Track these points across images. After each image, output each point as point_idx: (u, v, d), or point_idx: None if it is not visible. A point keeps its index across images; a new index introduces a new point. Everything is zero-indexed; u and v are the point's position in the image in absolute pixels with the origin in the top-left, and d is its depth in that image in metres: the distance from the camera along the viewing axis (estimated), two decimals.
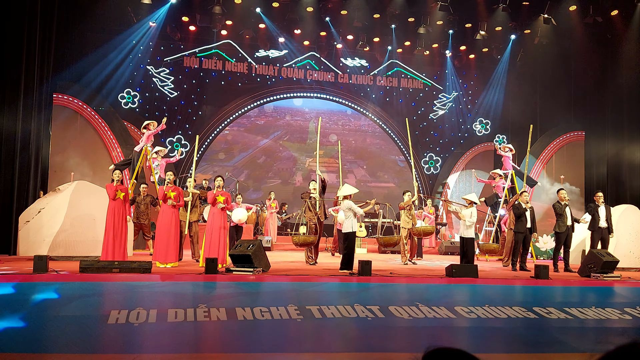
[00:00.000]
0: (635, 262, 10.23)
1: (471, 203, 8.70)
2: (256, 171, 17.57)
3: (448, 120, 18.56)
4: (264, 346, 4.83)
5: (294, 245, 9.24)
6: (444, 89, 18.46)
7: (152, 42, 15.79)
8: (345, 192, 8.12)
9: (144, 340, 4.83)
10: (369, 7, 15.18)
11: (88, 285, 6.16)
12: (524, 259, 9.51)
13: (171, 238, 8.23)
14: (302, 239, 8.92)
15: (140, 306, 5.41)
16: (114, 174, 8.37)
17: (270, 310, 5.44)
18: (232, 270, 7.21)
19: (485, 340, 5.34)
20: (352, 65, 17.91)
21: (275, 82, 17.50)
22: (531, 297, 6.88)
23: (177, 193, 8.42)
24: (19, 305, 5.39)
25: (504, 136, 18.02)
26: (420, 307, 5.84)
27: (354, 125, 18.45)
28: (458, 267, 7.76)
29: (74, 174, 12.01)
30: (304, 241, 8.95)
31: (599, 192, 9.97)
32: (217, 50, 16.72)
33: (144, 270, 6.88)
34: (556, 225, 9.50)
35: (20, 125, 10.32)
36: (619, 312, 6.20)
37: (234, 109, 17.24)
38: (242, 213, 9.85)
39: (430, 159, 18.34)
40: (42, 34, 10.92)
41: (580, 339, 5.49)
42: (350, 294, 6.54)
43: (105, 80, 15.13)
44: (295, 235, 9.34)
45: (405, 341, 5.20)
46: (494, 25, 15.56)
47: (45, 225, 8.95)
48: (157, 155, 11.17)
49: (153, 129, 10.75)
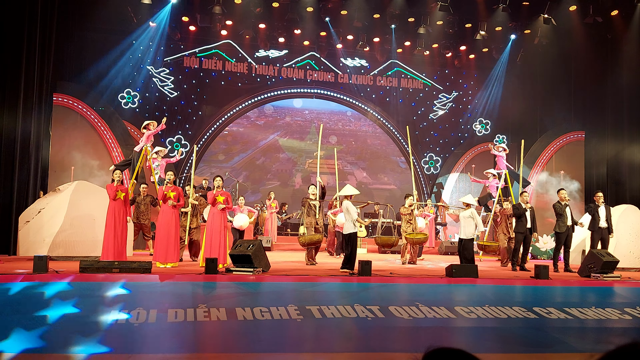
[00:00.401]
0: (635, 262, 10.23)
1: (468, 205, 8.74)
2: (255, 173, 17.53)
3: (448, 120, 18.56)
4: (264, 346, 4.83)
5: (300, 245, 9.26)
6: (444, 89, 18.45)
7: (152, 42, 15.79)
8: (346, 193, 8.13)
9: (144, 340, 4.83)
10: (369, 7, 15.17)
11: (88, 285, 6.16)
12: (524, 259, 9.51)
13: (171, 238, 8.22)
14: (307, 239, 8.96)
15: (140, 306, 5.41)
16: (114, 174, 8.38)
17: (270, 310, 5.44)
18: (232, 270, 7.21)
19: (486, 340, 5.34)
20: (352, 65, 17.91)
21: (275, 82, 17.50)
22: (531, 297, 6.88)
23: (176, 193, 8.42)
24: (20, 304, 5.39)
25: (504, 136, 18.01)
26: (420, 307, 5.84)
27: (354, 126, 18.44)
28: (458, 267, 7.76)
29: (74, 173, 12.02)
30: (310, 240, 8.97)
31: (599, 192, 9.97)
32: (217, 50, 16.72)
33: (144, 270, 6.89)
34: (556, 226, 9.50)
35: (20, 125, 10.32)
36: (619, 312, 6.20)
37: (234, 109, 17.23)
38: (244, 220, 9.87)
39: (430, 159, 18.34)
40: (43, 34, 10.92)
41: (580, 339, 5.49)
42: (350, 294, 6.54)
43: (105, 80, 15.12)
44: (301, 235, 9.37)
45: (405, 341, 5.20)
46: (494, 25, 15.56)
47: (45, 225, 8.95)
48: (157, 155, 11.17)
49: (153, 129, 10.75)
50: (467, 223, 8.70)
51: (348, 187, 8.27)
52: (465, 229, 8.69)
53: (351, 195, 8.12)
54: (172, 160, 12.02)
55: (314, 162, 17.09)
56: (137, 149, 10.74)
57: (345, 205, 8.00)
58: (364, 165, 18.37)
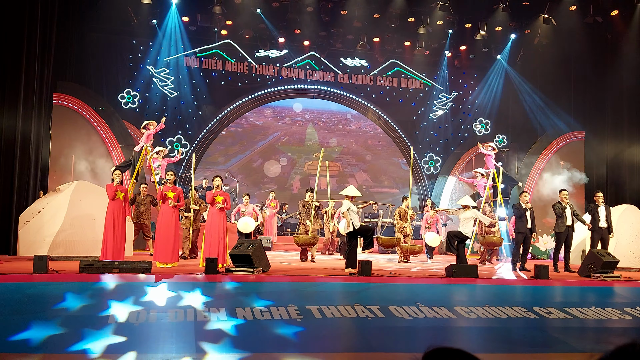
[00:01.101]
0: (635, 262, 10.23)
1: (467, 207, 8.81)
2: (252, 175, 17.42)
3: (448, 120, 18.56)
4: (264, 346, 4.83)
5: (296, 244, 9.41)
6: (444, 89, 18.45)
7: (152, 42, 15.79)
8: (348, 193, 8.19)
9: (144, 340, 4.83)
10: (369, 7, 15.18)
11: (88, 285, 6.15)
12: (524, 259, 9.52)
13: (171, 238, 8.22)
14: (302, 239, 9.07)
15: (140, 306, 5.41)
16: (114, 174, 8.38)
17: (270, 310, 5.44)
18: (232, 270, 7.21)
19: (485, 340, 5.34)
20: (352, 65, 17.91)
21: (275, 82, 17.49)
22: (531, 297, 6.88)
23: (176, 193, 8.42)
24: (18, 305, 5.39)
25: (504, 136, 18.02)
26: (420, 307, 5.84)
27: (354, 126, 18.42)
28: (458, 267, 7.76)
29: (74, 173, 12.02)
30: (305, 242, 9.11)
31: (598, 192, 9.96)
32: (217, 50, 16.71)
33: (144, 270, 6.89)
34: (556, 225, 9.50)
35: (20, 125, 10.32)
36: (619, 312, 6.20)
37: (234, 109, 17.21)
38: (250, 224, 9.88)
39: (430, 159, 18.33)
40: (43, 34, 10.92)
41: (580, 339, 5.50)
42: (350, 294, 6.54)
43: (105, 80, 15.12)
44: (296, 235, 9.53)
45: (405, 341, 5.20)
46: (494, 25, 15.56)
47: (45, 225, 8.95)
48: (157, 155, 11.17)
49: (152, 128, 10.75)
50: (465, 223, 8.75)
51: (351, 188, 8.37)
52: (464, 229, 8.73)
53: (353, 196, 8.19)
54: (172, 160, 12.01)
55: (313, 165, 17.08)
56: (137, 148, 10.75)
57: (346, 205, 8.07)
58: (365, 167, 18.35)
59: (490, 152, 12.17)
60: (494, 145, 12.31)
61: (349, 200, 8.12)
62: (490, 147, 12.27)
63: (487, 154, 12.25)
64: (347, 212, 7.97)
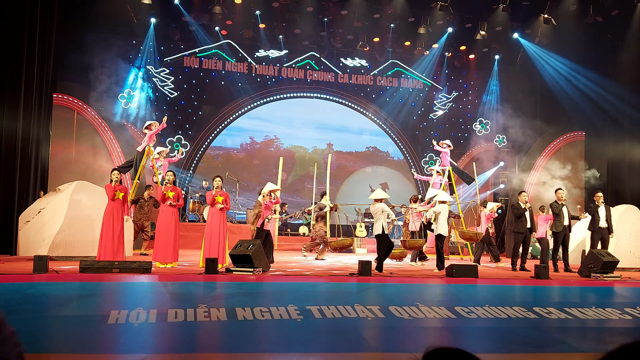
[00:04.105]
0: (635, 262, 10.23)
1: (444, 202, 8.88)
2: (251, 177, 17.39)
3: (448, 120, 18.55)
4: (264, 346, 4.83)
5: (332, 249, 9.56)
6: (444, 89, 18.44)
7: (152, 42, 15.78)
8: (377, 196, 8.53)
9: (144, 340, 4.83)
10: (369, 7, 15.18)
11: (88, 285, 6.15)
12: (524, 259, 9.51)
13: (171, 238, 8.22)
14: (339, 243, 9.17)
15: (140, 306, 5.41)
16: (112, 174, 8.36)
17: (270, 310, 5.44)
18: (232, 270, 7.21)
19: (485, 340, 5.34)
20: (352, 65, 17.90)
21: (275, 82, 17.48)
22: (531, 297, 6.88)
23: (175, 193, 8.41)
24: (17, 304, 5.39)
25: (504, 136, 18.01)
26: (420, 307, 5.84)
27: (354, 126, 18.39)
28: (458, 267, 7.77)
29: (74, 173, 12.01)
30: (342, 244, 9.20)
31: (598, 192, 9.97)
32: (217, 50, 16.70)
33: (144, 270, 6.89)
34: (553, 225, 9.50)
35: (21, 125, 10.32)
36: (619, 312, 6.20)
37: (234, 109, 17.20)
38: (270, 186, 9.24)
39: (430, 159, 18.32)
40: (42, 34, 10.92)
41: (581, 339, 5.49)
42: (350, 294, 6.54)
43: (106, 80, 15.13)
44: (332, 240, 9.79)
45: (405, 341, 5.19)
46: (494, 25, 15.55)
47: (45, 225, 8.95)
48: (159, 155, 11.17)
49: (155, 129, 10.75)
50: (443, 219, 8.73)
51: (379, 191, 8.72)
52: (441, 226, 8.72)
53: (382, 199, 8.50)
54: (173, 160, 12.03)
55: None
56: (140, 149, 10.74)
57: (380, 207, 8.35)
58: (365, 167, 18.32)
59: (446, 150, 12.20)
60: (449, 143, 12.33)
61: (381, 202, 8.38)
62: (446, 144, 12.29)
63: (443, 151, 12.29)
64: (382, 213, 8.17)
